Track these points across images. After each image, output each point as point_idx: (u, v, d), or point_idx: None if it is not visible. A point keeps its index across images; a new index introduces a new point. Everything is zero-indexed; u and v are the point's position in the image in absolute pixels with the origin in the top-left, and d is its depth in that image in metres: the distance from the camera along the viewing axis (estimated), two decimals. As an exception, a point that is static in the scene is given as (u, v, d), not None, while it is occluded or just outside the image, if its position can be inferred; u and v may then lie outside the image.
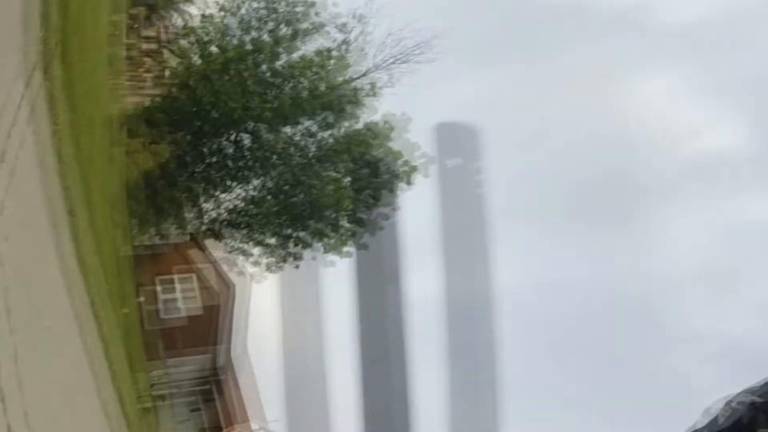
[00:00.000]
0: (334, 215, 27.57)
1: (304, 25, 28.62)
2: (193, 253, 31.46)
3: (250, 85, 27.14)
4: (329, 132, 27.96)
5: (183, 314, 31.08)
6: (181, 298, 30.97)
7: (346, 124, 28.02)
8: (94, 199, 13.99)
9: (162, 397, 30.73)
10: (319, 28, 28.66)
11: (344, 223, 27.91)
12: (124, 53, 31.10)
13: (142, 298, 29.11)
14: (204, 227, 29.26)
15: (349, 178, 27.53)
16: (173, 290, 31.09)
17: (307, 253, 28.85)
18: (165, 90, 29.44)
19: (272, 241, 28.67)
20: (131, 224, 27.73)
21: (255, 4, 29.05)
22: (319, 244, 28.47)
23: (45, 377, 7.44)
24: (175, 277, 30.85)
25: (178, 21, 31.95)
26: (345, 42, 28.64)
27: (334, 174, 27.51)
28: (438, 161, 29.34)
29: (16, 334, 5.87)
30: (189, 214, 29.41)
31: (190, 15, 31.44)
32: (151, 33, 33.95)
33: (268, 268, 29.46)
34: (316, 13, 28.65)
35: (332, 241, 28.28)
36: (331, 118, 27.65)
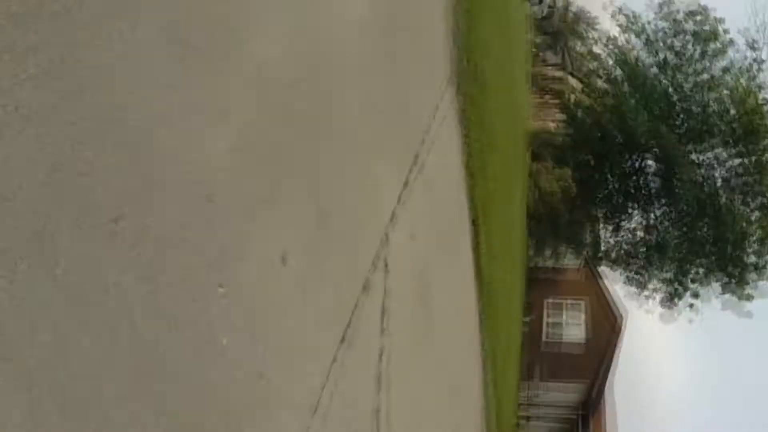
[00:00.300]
0: (738, 252, 25.04)
1: (713, 45, 26.53)
2: (586, 279, 31.13)
3: (656, 108, 26.00)
4: (740, 160, 25.51)
5: (566, 340, 30.94)
6: (567, 324, 30.86)
7: (759, 151, 25.22)
8: (495, 213, 14.30)
9: (527, 418, 30.82)
10: (728, 46, 26.28)
11: (748, 260, 25.06)
12: (530, 78, 32.04)
13: (528, 318, 29.57)
14: (600, 254, 28.70)
15: (758, 213, 24.78)
16: (560, 315, 31.11)
17: (705, 292, 26.50)
18: (569, 115, 29.54)
19: (669, 275, 27.03)
20: (528, 244, 28.30)
21: (660, 23, 27.69)
22: (717, 283, 26.02)
23: (415, 386, 7.36)
24: (565, 302, 30.83)
25: (581, 47, 32.03)
26: (756, 60, 25.80)
27: (742, 207, 25.03)
28: None
29: (387, 337, 5.76)
30: (586, 239, 29.09)
31: (593, 40, 31.27)
32: (555, 60, 34.72)
33: (662, 303, 27.63)
34: (725, 30, 26.27)
35: (733, 281, 25.64)
36: (742, 145, 25.17)
